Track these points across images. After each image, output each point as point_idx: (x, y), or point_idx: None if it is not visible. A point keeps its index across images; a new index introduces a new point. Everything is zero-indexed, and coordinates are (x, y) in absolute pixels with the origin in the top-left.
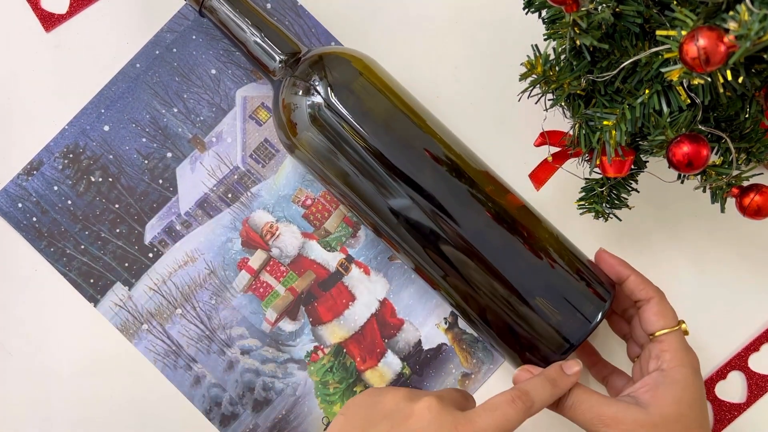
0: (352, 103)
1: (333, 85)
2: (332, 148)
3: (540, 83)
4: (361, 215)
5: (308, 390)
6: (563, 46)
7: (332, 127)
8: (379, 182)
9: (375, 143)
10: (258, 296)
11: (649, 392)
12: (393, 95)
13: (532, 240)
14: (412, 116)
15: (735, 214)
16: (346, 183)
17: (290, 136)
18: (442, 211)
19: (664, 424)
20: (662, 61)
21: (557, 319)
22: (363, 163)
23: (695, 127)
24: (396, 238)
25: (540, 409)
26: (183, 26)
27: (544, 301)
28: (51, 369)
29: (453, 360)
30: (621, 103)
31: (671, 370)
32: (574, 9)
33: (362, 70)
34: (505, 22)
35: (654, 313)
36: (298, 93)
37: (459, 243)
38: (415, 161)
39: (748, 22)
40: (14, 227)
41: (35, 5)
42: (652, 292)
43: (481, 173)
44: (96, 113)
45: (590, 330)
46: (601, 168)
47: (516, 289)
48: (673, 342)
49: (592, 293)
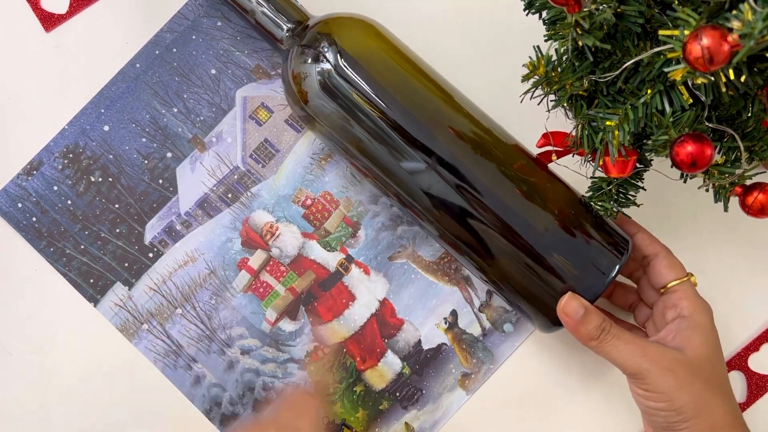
0: (362, 68)
1: (342, 50)
2: (345, 115)
3: (542, 84)
4: (383, 185)
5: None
6: (565, 46)
7: (343, 93)
8: (395, 148)
9: (388, 108)
10: (258, 296)
11: (678, 337)
12: (402, 58)
13: (549, 198)
14: (423, 79)
15: (735, 215)
16: (362, 151)
17: (303, 106)
18: (456, 173)
19: (700, 365)
20: (664, 60)
21: (574, 274)
22: (378, 129)
23: (699, 126)
24: (415, 204)
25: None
26: (183, 26)
27: (562, 258)
28: (51, 369)
29: (453, 360)
30: (623, 103)
31: (692, 314)
32: (576, 10)
33: (370, 34)
34: (506, 22)
35: (665, 266)
36: (307, 61)
37: (476, 204)
38: (428, 124)
39: (752, 20)
40: (14, 227)
41: (35, 5)
42: (659, 247)
43: (495, 133)
44: (96, 113)
45: (607, 283)
46: (605, 168)
47: (533, 246)
48: (687, 290)
49: (607, 248)
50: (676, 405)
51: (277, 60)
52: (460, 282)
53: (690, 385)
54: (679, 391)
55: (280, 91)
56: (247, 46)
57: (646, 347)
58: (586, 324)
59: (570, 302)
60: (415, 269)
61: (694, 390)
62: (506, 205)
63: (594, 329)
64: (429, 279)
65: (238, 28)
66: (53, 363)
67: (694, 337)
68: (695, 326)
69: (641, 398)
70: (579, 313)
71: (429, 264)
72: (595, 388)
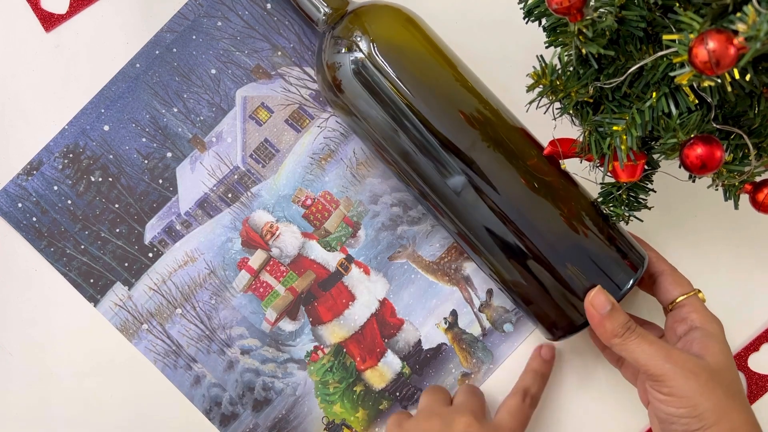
0: (394, 58)
1: (373, 40)
2: (377, 105)
3: (547, 93)
4: (407, 177)
5: (308, 390)
6: (568, 52)
7: (376, 82)
8: (423, 143)
9: (417, 100)
10: (258, 296)
11: (696, 345)
12: (435, 50)
13: (568, 208)
14: (451, 71)
15: (735, 214)
16: (390, 142)
17: (337, 93)
18: (480, 173)
19: (720, 372)
20: (668, 63)
21: (587, 284)
22: (407, 121)
23: (706, 127)
24: (436, 199)
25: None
26: (183, 26)
27: (575, 269)
28: (51, 369)
29: (453, 360)
30: (629, 107)
31: (704, 325)
32: (579, 18)
33: (403, 23)
34: (506, 22)
35: (670, 282)
36: (340, 51)
37: (497, 205)
38: (456, 121)
39: (757, 22)
40: (14, 227)
41: (35, 5)
42: (665, 266)
43: (521, 135)
44: (96, 113)
45: (620, 296)
46: (614, 173)
47: (547, 256)
48: (695, 304)
49: (624, 261)
50: (698, 410)
51: (277, 60)
52: (460, 282)
53: (711, 390)
54: (701, 395)
55: (280, 91)
56: (247, 46)
57: (670, 350)
58: (612, 320)
59: (599, 295)
60: (415, 269)
61: (716, 395)
62: (524, 208)
63: (619, 326)
64: (429, 279)
65: (238, 28)
66: (53, 363)
67: (711, 344)
68: (710, 335)
69: (661, 404)
70: (606, 308)
71: (429, 264)
72: (594, 388)
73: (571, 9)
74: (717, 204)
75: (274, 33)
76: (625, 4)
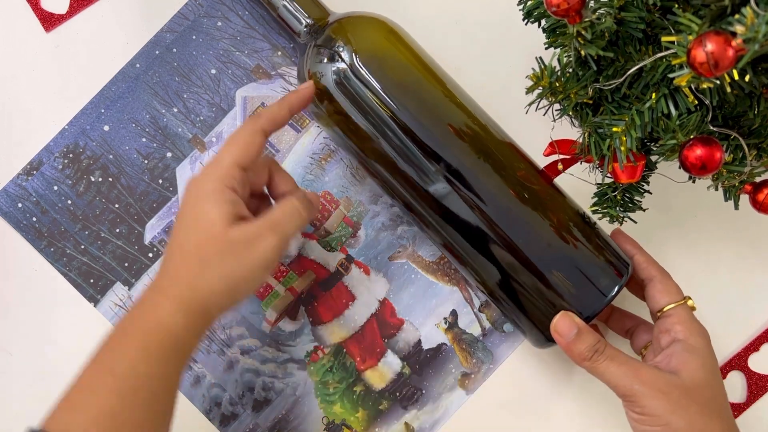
0: (375, 69)
1: (357, 50)
2: (358, 115)
3: (547, 95)
4: (389, 187)
5: (308, 390)
6: (567, 54)
7: (357, 93)
8: (405, 151)
9: (399, 110)
10: (258, 296)
11: (674, 361)
12: (416, 60)
13: (554, 217)
14: (434, 81)
15: (734, 214)
16: (371, 151)
17: (318, 103)
18: (463, 181)
19: (696, 389)
20: (667, 65)
21: (572, 292)
22: (388, 130)
23: (705, 128)
24: (419, 209)
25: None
26: (183, 26)
27: (561, 275)
28: (51, 369)
29: (453, 359)
30: (629, 109)
31: (687, 339)
32: (578, 20)
33: (385, 34)
34: (506, 23)
35: (658, 290)
36: (322, 60)
37: (479, 214)
38: (437, 130)
39: (756, 24)
40: (14, 227)
41: (35, 5)
42: (654, 272)
43: (507, 146)
44: (96, 113)
45: (605, 303)
46: (614, 174)
47: (533, 261)
48: (681, 314)
49: (609, 267)
50: (672, 428)
51: (277, 60)
52: (460, 282)
53: (684, 408)
54: (673, 414)
55: (280, 91)
56: (247, 46)
57: (639, 369)
58: (579, 344)
59: (563, 320)
60: (415, 269)
61: (689, 413)
62: (509, 217)
63: (586, 350)
64: (429, 279)
65: (238, 29)
66: (53, 363)
67: (690, 360)
68: (691, 350)
69: (636, 423)
70: (572, 333)
71: (429, 264)
72: (594, 388)
73: (569, 11)
74: (717, 204)
75: (274, 33)
76: (624, 6)
